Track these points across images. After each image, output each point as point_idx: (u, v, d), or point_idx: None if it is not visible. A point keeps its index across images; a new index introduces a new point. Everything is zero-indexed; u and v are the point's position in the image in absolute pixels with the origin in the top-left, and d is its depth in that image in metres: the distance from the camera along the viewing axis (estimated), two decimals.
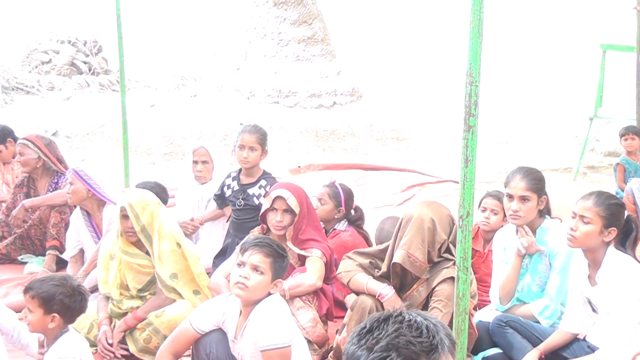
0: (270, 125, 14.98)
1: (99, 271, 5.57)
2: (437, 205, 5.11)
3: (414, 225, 4.86)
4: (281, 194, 5.38)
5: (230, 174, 6.65)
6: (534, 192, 5.22)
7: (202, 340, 4.34)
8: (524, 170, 5.33)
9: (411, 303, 5.03)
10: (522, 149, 15.02)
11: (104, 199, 6.27)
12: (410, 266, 4.84)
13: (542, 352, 4.94)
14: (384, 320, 2.16)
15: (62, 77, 16.47)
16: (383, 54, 24.81)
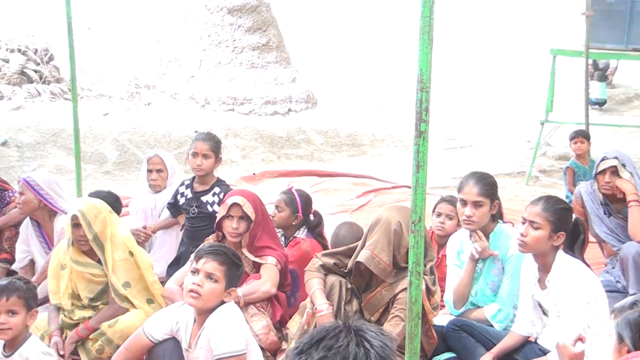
0: (225, 132, 14.96)
1: (50, 281, 5.51)
2: (407, 210, 5.16)
3: (381, 228, 4.91)
4: (237, 201, 5.38)
5: (184, 182, 6.63)
6: (486, 197, 5.27)
7: (156, 349, 4.32)
8: (477, 176, 5.38)
9: (374, 305, 5.05)
10: (475, 154, 15.14)
11: (56, 208, 6.19)
12: (374, 267, 4.87)
13: (496, 355, 4.98)
14: (316, 343, 2.15)
15: (12, 86, 16.27)
16: (338, 61, 24.87)
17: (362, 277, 5.17)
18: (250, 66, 18.05)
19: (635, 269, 6.20)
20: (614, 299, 5.88)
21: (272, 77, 18.10)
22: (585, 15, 10.41)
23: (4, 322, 4.07)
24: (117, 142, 14.49)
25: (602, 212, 6.71)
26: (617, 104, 21.47)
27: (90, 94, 17.13)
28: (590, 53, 10.85)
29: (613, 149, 7.04)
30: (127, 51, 21.09)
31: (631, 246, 6.26)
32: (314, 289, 5.06)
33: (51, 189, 6.18)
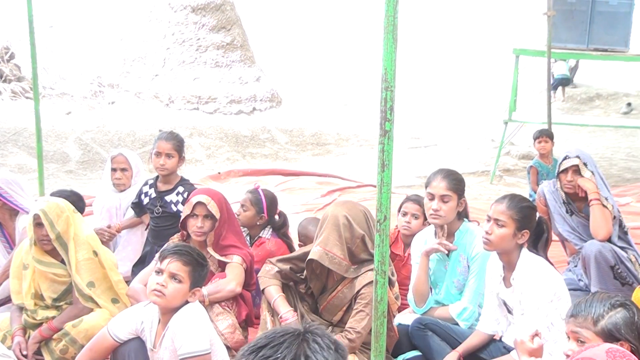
0: (190, 131, 14.93)
1: (12, 281, 5.45)
2: (352, 203, 5.21)
3: (329, 223, 4.94)
4: (201, 200, 5.36)
5: (148, 182, 6.60)
6: (454, 192, 5.29)
7: (121, 349, 4.30)
8: (445, 171, 5.42)
9: (336, 305, 5.06)
10: (440, 153, 15.22)
11: (16, 207, 6.13)
12: (329, 263, 4.88)
13: (461, 354, 5.01)
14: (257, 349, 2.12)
15: None
16: (302, 60, 24.90)
17: (318, 279, 5.18)
18: (215, 65, 18.02)
19: (597, 267, 6.25)
20: (577, 297, 5.92)
21: (237, 76, 18.08)
22: (547, 15, 10.49)
23: None
24: (80, 141, 14.40)
25: (565, 210, 6.76)
26: (579, 104, 21.69)
27: (53, 93, 17.01)
28: (552, 53, 10.93)
29: (575, 148, 7.09)
30: (90, 49, 20.93)
31: (592, 245, 6.30)
32: (275, 297, 5.07)
33: (9, 188, 6.11)
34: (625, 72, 22.39)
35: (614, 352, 2.68)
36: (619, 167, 14.19)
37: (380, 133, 3.70)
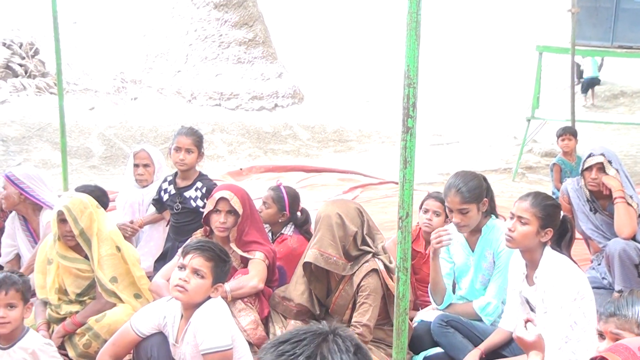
0: (211, 127, 14.96)
1: (36, 276, 5.49)
2: (343, 201, 5.26)
3: (322, 224, 4.97)
4: (224, 195, 5.37)
5: (167, 178, 6.61)
6: (470, 203, 5.23)
7: (143, 343, 4.31)
8: (457, 183, 5.27)
9: (342, 304, 5.06)
10: (462, 150, 15.17)
11: (39, 202, 6.17)
12: (325, 263, 4.92)
13: (483, 351, 4.99)
14: (278, 344, 2.12)
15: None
16: (324, 56, 24.88)
17: (320, 282, 5.18)
18: (237, 61, 18.04)
19: (621, 265, 6.21)
20: (600, 296, 5.92)
21: (259, 73, 18.09)
22: (571, 12, 10.42)
23: (4, 315, 4.07)
24: (104, 137, 14.46)
25: (588, 208, 6.73)
26: (603, 101, 21.54)
27: (76, 88, 17.09)
28: (576, 50, 10.87)
29: (599, 146, 7.04)
30: (113, 45, 21.03)
31: (617, 243, 6.27)
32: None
33: (32, 183, 6.15)
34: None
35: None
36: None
37: (402, 130, 3.69)
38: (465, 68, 24.67)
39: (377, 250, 5.07)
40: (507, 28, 26.87)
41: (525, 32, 24.78)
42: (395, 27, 22.78)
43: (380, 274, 4.95)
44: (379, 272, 4.95)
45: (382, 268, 4.96)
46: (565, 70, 14.79)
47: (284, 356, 2.07)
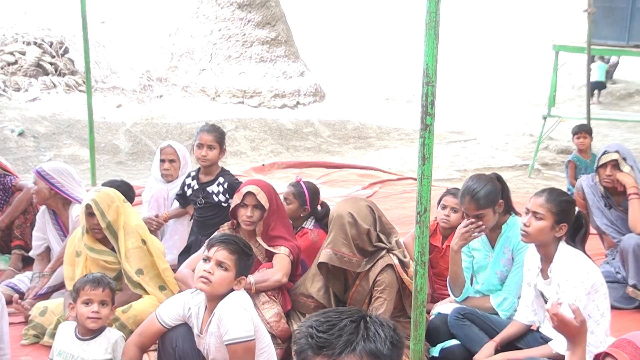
0: (235, 124, 14.99)
1: (66, 268, 5.53)
2: (354, 199, 5.26)
3: (335, 224, 4.98)
4: (251, 190, 5.39)
5: (190, 174, 6.63)
6: (485, 208, 5.21)
7: (168, 334, 4.33)
8: (471, 188, 5.24)
9: (359, 299, 5.06)
10: (479, 148, 15.12)
11: (68, 197, 6.21)
12: (339, 262, 4.93)
13: (499, 343, 4.99)
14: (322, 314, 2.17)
15: (28, 78, 16.36)
16: (345, 55, 24.89)
17: (337, 279, 5.19)
18: (260, 60, 18.07)
19: (635, 260, 6.21)
20: (614, 290, 5.91)
21: (281, 71, 18.11)
22: (587, 12, 10.38)
23: (98, 311, 4.13)
24: (130, 133, 14.52)
25: (603, 204, 6.71)
26: (618, 99, 21.44)
27: (104, 86, 17.17)
28: (592, 49, 10.82)
29: (614, 143, 7.04)
30: (139, 45, 21.12)
31: (631, 238, 6.26)
32: None
33: (62, 178, 6.19)
34: None
35: None
36: None
37: (421, 127, 3.69)
38: (483, 66, 24.61)
39: (391, 246, 5.07)
40: (525, 27, 26.77)
41: (542, 31, 24.65)
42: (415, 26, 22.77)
43: (395, 268, 4.95)
44: (394, 267, 4.96)
45: (397, 263, 4.97)
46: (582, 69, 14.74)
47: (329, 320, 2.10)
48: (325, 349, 2.04)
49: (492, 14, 27.86)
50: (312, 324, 2.11)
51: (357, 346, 2.06)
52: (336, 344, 2.05)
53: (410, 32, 24.88)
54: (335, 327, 2.08)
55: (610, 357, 2.55)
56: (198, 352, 4.30)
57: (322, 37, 25.50)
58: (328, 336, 2.06)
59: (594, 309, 4.68)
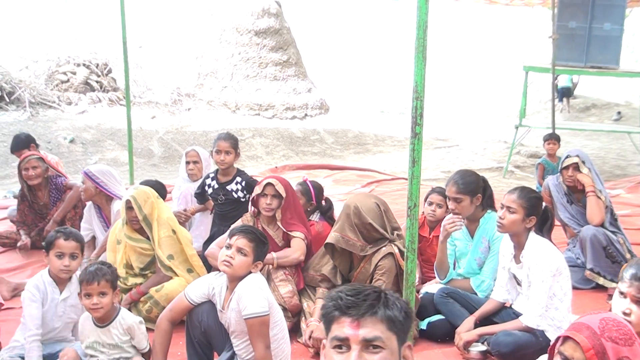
0: (252, 133, 15.00)
1: (108, 254, 5.54)
2: (364, 195, 5.31)
3: (343, 213, 5.01)
4: (271, 181, 5.45)
5: (209, 175, 6.61)
6: (464, 194, 5.24)
7: (195, 310, 4.32)
8: (456, 176, 5.34)
9: (361, 280, 5.06)
10: (461, 153, 15.11)
11: (110, 194, 6.22)
12: (345, 244, 4.94)
13: (477, 318, 4.99)
14: (348, 285, 2.18)
15: (78, 93, 16.46)
16: (346, 74, 24.94)
17: (343, 259, 5.19)
18: (273, 79, 18.08)
19: (592, 248, 6.22)
20: (575, 273, 5.92)
21: (292, 88, 18.12)
22: (552, 38, 10.39)
23: (97, 302, 4.08)
24: (162, 140, 14.54)
25: (566, 200, 6.72)
26: (578, 112, 21.46)
27: (141, 101, 17.19)
28: (555, 69, 10.82)
29: (575, 149, 7.05)
30: (171, 66, 21.18)
31: (588, 229, 6.28)
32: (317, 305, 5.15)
33: (105, 178, 6.22)
34: (616, 86, 22.16)
35: (608, 320, 2.58)
36: (610, 165, 14.00)
37: (411, 135, 3.69)
38: (465, 83, 24.63)
39: (392, 237, 5.05)
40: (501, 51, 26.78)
41: (515, 54, 24.66)
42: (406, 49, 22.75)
43: (395, 256, 4.95)
44: (394, 255, 4.95)
45: (397, 252, 4.96)
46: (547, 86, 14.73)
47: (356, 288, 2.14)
48: (351, 309, 2.06)
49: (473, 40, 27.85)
50: (341, 290, 2.15)
51: (378, 310, 2.07)
52: (361, 306, 2.07)
53: (401, 55, 24.90)
54: (361, 294, 2.11)
55: (570, 340, 2.51)
56: (220, 325, 4.28)
57: (326, 59, 25.49)
58: (355, 299, 2.08)
59: (558, 289, 4.68)
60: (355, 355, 2.01)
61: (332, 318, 2.09)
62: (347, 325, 2.05)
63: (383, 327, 2.05)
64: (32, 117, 14.83)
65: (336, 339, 2.06)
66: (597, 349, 2.45)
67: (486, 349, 4.83)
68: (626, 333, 2.54)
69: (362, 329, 2.03)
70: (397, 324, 2.09)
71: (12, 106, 15.53)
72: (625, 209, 9.29)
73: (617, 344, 2.48)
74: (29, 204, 7.17)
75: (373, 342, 2.03)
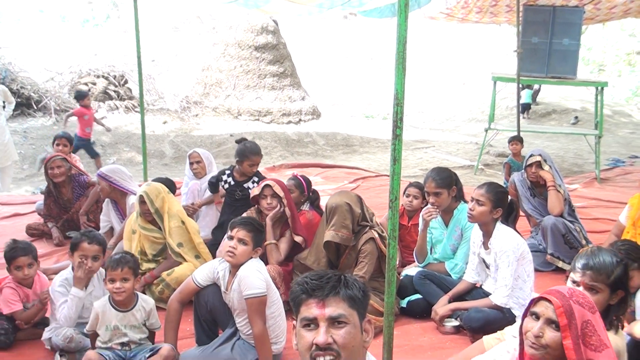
0: (252, 136, 14.95)
1: (125, 242, 5.52)
2: (345, 192, 5.32)
3: (336, 212, 4.99)
4: (269, 183, 5.49)
5: (225, 171, 6.59)
6: (442, 188, 5.28)
7: (202, 292, 4.32)
8: (433, 173, 5.37)
9: (348, 264, 5.06)
10: (436, 153, 15.11)
11: (125, 190, 6.21)
12: (340, 240, 4.95)
13: (451, 296, 5.01)
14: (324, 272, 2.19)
15: (98, 102, 16.42)
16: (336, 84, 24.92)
17: (331, 251, 5.18)
18: (271, 88, 18.06)
19: (552, 235, 6.27)
20: (537, 257, 5.97)
21: (287, 96, 18.11)
22: (517, 52, 10.42)
23: (120, 287, 4.06)
24: (173, 143, 14.50)
25: (529, 194, 6.75)
26: (540, 117, 21.52)
27: (154, 108, 17.17)
28: (520, 79, 10.83)
29: (537, 149, 7.08)
30: (180, 77, 21.12)
31: (549, 219, 6.33)
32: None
33: (117, 176, 6.21)
34: (574, 94, 22.25)
35: (575, 290, 2.62)
36: (569, 163, 14.04)
37: (392, 137, 3.67)
38: (441, 92, 24.65)
39: (372, 224, 5.07)
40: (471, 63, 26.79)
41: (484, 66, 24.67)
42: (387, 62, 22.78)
43: (375, 241, 4.95)
44: (374, 240, 4.96)
45: (377, 236, 4.97)
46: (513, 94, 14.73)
47: (319, 273, 2.17)
48: (316, 291, 2.09)
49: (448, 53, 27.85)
50: (305, 276, 2.17)
51: (340, 291, 2.11)
52: (325, 288, 2.10)
53: (384, 66, 24.92)
54: (324, 277, 2.15)
55: (543, 300, 2.54)
56: (224, 305, 4.28)
57: (318, 70, 25.46)
58: (318, 282, 2.12)
59: (522, 271, 4.70)
60: (324, 331, 2.04)
61: (300, 301, 2.12)
62: (314, 306, 2.08)
63: (345, 305, 2.08)
64: (57, 123, 14.78)
65: (305, 319, 2.09)
66: (566, 308, 2.48)
67: (459, 324, 4.86)
68: (590, 302, 2.58)
69: (327, 308, 2.06)
70: (357, 302, 2.11)
71: (39, 113, 15.51)
72: (582, 201, 9.33)
73: (584, 307, 2.51)
74: (54, 199, 7.15)
75: (338, 319, 2.06)
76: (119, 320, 4.12)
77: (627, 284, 3.18)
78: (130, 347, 4.14)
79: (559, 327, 2.48)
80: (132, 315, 4.16)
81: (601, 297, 3.06)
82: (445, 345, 4.68)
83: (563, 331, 2.47)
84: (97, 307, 4.14)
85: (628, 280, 3.21)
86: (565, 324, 2.46)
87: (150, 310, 4.22)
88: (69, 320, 4.29)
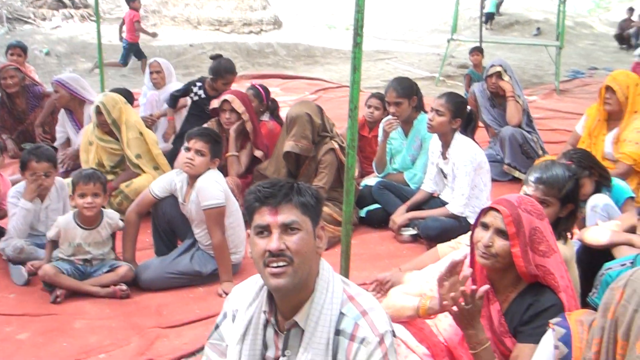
0: (212, 47, 14.66)
1: (81, 154, 5.42)
2: (306, 102, 5.31)
3: (296, 122, 4.94)
4: (227, 98, 5.37)
5: (196, 83, 6.40)
6: (403, 97, 5.27)
7: (160, 203, 4.29)
8: (394, 83, 5.37)
9: (307, 175, 5.05)
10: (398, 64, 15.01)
11: (83, 98, 6.05)
12: (300, 150, 4.94)
13: (409, 206, 5.07)
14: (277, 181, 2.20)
15: (52, 10, 15.97)
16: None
17: (291, 162, 5.15)
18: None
19: (510, 145, 6.35)
20: (494, 167, 6.02)
21: (248, 5, 17.76)
22: None
23: (92, 202, 3.98)
24: None
25: (489, 104, 6.78)
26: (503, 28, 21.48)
27: (110, 17, 16.67)
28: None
29: (499, 59, 7.08)
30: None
31: (507, 129, 6.39)
32: None
33: (76, 84, 6.05)
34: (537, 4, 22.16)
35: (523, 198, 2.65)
36: (529, 74, 14.10)
37: (353, 44, 3.58)
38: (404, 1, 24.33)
39: (332, 135, 5.04)
40: None
41: None
42: None
43: (335, 151, 4.94)
44: (334, 150, 4.94)
45: (337, 147, 4.95)
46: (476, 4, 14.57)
47: (272, 182, 2.16)
48: (269, 199, 2.08)
49: None
50: (259, 184, 2.16)
51: (292, 198, 2.10)
52: (277, 195, 2.08)
53: None
54: (276, 185, 2.13)
55: (492, 210, 2.56)
56: (182, 216, 4.26)
57: None
58: (272, 190, 2.10)
59: (479, 181, 4.74)
60: (276, 237, 2.05)
61: (254, 209, 2.11)
62: (266, 214, 2.07)
63: (298, 212, 2.08)
64: (10, 32, 14.29)
65: (258, 226, 2.09)
66: (514, 216, 2.51)
67: (416, 233, 4.92)
68: (538, 209, 2.61)
69: (280, 215, 2.06)
70: (309, 208, 2.11)
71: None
72: (540, 112, 9.41)
73: (532, 215, 2.54)
74: (8, 111, 6.94)
75: (291, 226, 2.06)
76: (83, 239, 4.07)
77: (577, 198, 3.21)
78: (92, 264, 4.12)
79: (508, 235, 2.51)
80: (97, 232, 4.12)
81: (551, 210, 3.10)
82: (402, 254, 4.76)
83: (511, 239, 2.50)
84: (60, 223, 4.09)
85: (578, 195, 3.25)
86: (514, 232, 2.50)
87: (116, 224, 4.19)
88: (18, 232, 4.26)
